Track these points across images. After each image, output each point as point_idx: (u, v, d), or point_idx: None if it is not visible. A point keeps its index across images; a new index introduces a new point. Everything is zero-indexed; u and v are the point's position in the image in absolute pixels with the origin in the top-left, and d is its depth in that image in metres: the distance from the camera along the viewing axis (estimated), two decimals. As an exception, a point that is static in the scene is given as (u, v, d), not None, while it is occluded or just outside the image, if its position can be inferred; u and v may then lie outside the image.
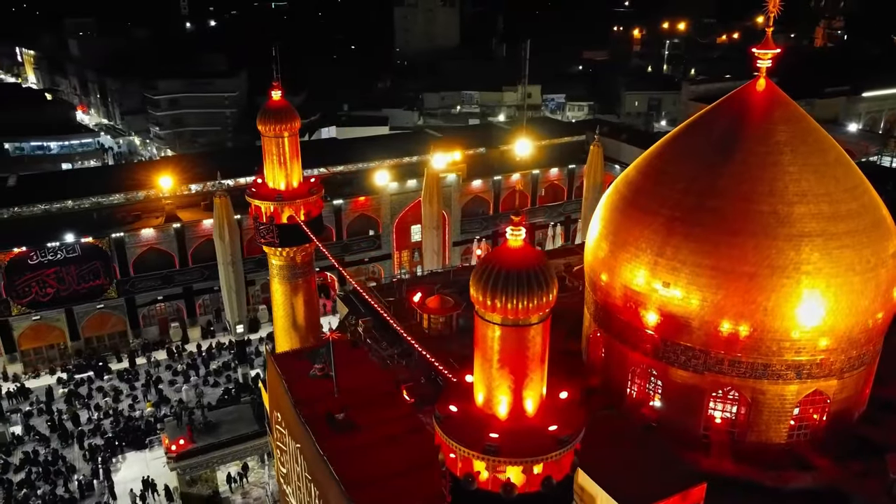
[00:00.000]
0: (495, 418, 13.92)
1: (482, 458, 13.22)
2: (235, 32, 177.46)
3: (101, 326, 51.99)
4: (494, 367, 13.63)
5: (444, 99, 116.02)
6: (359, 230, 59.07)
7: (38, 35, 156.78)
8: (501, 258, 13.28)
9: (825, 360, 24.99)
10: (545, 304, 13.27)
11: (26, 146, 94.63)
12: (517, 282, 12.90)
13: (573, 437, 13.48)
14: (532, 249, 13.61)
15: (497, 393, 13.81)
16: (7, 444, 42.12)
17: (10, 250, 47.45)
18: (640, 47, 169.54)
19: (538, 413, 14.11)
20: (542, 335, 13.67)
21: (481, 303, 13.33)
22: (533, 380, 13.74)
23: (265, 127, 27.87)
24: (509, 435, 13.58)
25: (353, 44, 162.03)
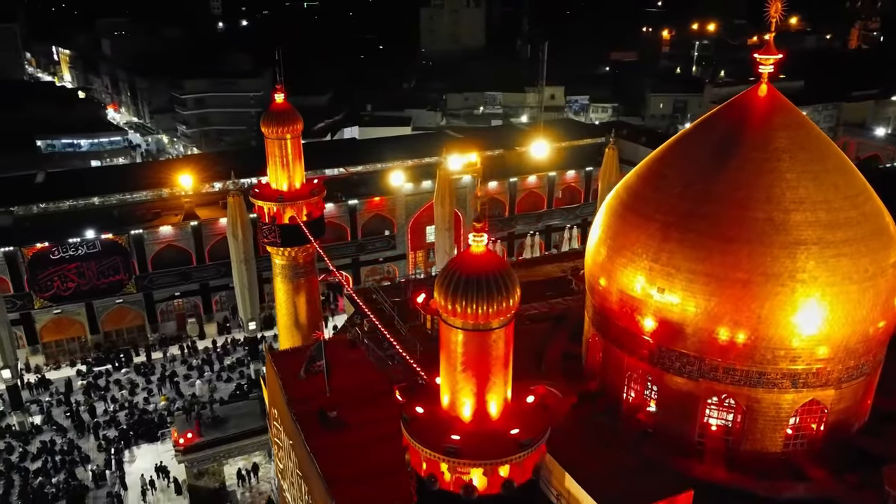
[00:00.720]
0: (459, 420, 14.16)
1: (443, 460, 13.45)
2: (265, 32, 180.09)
3: (120, 321, 53.28)
4: (458, 371, 13.86)
5: (468, 100, 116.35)
6: (374, 230, 59.63)
7: (73, 35, 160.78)
8: (463, 264, 13.51)
9: (822, 370, 24.71)
10: (506, 309, 13.46)
11: (57, 143, 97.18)
12: (477, 287, 13.12)
13: (535, 440, 13.63)
14: (494, 255, 13.81)
15: (460, 396, 14.05)
16: (26, 434, 43.39)
17: (33, 245, 48.80)
18: (669, 48, 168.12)
19: (502, 416, 14.31)
20: (504, 339, 13.87)
21: (443, 307, 13.57)
22: (496, 383, 13.95)
23: (268, 129, 28.47)
24: (471, 437, 13.80)
25: (381, 44, 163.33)
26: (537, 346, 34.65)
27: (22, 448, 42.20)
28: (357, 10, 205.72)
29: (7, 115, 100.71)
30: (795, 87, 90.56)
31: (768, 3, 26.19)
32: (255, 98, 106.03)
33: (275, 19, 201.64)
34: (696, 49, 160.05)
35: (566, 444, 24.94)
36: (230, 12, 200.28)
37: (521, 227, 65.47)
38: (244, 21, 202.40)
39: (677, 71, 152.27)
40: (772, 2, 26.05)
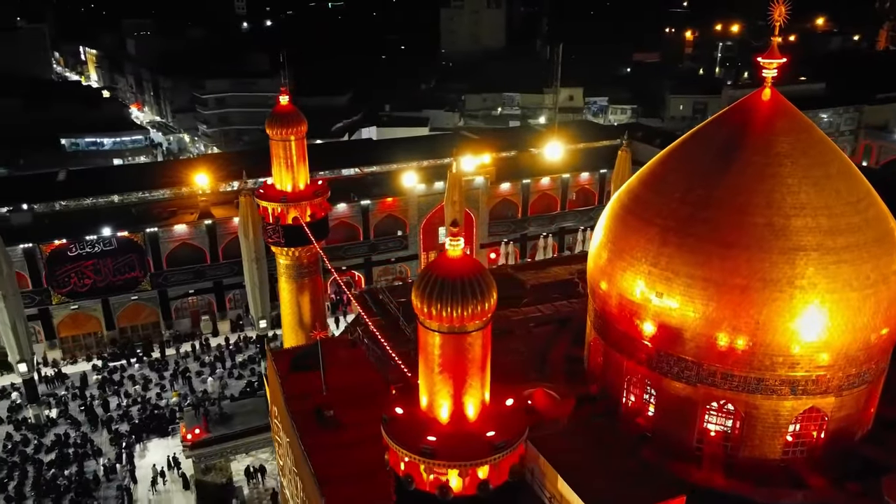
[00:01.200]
0: (437, 422, 14.32)
1: (418, 460, 13.64)
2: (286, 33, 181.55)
3: (136, 317, 54.18)
4: (435, 373, 14.03)
5: (486, 101, 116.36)
6: (386, 230, 59.96)
7: (100, 35, 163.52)
8: (440, 268, 13.67)
9: (821, 377, 24.47)
10: (482, 312, 13.60)
11: (81, 142, 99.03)
12: (453, 290, 13.28)
13: (509, 443, 13.75)
14: (470, 259, 13.95)
15: (438, 398, 14.21)
16: (41, 426, 44.32)
17: (51, 242, 49.82)
18: (692, 49, 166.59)
19: (480, 418, 14.44)
20: (480, 342, 14.00)
21: (420, 310, 13.74)
22: (472, 385, 14.09)
23: (273, 131, 28.85)
24: (447, 438, 13.96)
25: (403, 44, 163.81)
26: (541, 348, 34.76)
27: (37, 440, 43.15)
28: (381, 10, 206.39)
29: (33, 114, 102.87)
30: (816, 89, 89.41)
31: (772, 5, 26.01)
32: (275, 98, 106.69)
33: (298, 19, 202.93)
34: (720, 50, 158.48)
35: (561, 447, 25.03)
36: (255, 12, 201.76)
37: (534, 229, 65.40)
38: (268, 21, 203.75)
39: (700, 72, 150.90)
40: (775, 6, 25.86)
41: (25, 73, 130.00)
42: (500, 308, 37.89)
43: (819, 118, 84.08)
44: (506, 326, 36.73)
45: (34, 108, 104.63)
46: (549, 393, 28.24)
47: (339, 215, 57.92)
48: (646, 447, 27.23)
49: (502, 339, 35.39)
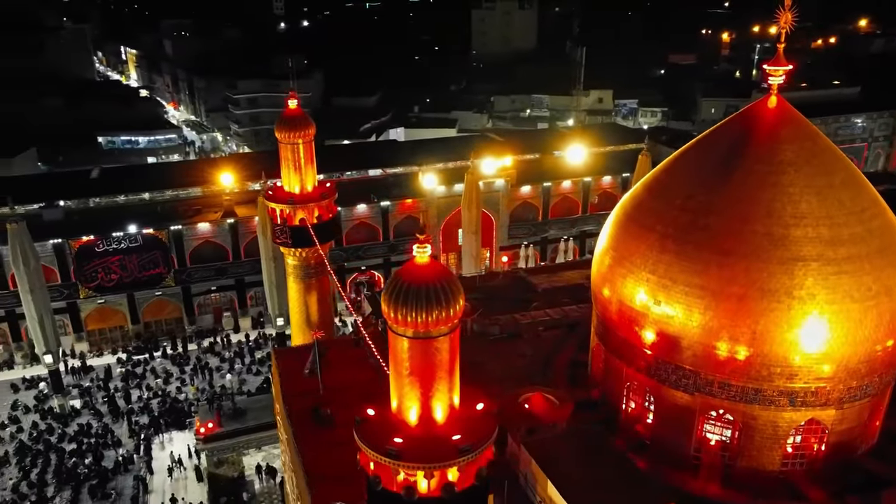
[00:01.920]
0: (406, 424, 14.64)
1: (383, 461, 13.99)
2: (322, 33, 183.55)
3: (160, 312, 55.58)
4: (404, 377, 14.34)
5: (515, 102, 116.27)
6: (406, 231, 60.41)
7: (140, 35, 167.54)
8: (407, 274, 14.00)
9: (821, 389, 24.13)
10: (448, 317, 13.87)
11: (117, 140, 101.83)
12: (416, 296, 13.59)
13: (474, 447, 14.01)
14: (438, 265, 14.23)
15: (406, 401, 14.52)
16: (66, 416, 45.80)
17: (80, 238, 51.41)
18: (728, 51, 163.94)
19: (448, 422, 14.72)
20: (448, 347, 14.26)
21: (388, 316, 14.08)
22: (440, 389, 14.37)
23: (281, 134, 29.47)
24: (414, 441, 14.27)
25: (436, 45, 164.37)
26: (548, 352, 34.83)
27: (61, 429, 44.62)
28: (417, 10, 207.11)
29: (73, 112, 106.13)
30: (848, 93, 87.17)
31: (778, 12, 25.73)
32: (304, 99, 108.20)
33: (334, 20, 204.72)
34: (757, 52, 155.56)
35: (554, 452, 25.19)
36: (292, 13, 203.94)
37: (555, 232, 65.27)
38: (305, 22, 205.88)
39: (737, 75, 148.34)
40: (781, 13, 25.58)
41: (68, 72, 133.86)
42: (508, 311, 38.45)
43: (852, 123, 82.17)
44: (514, 329, 36.98)
45: (74, 106, 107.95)
46: (548, 397, 28.36)
47: (359, 216, 58.68)
48: (643, 455, 27.25)
49: (510, 341, 36.02)
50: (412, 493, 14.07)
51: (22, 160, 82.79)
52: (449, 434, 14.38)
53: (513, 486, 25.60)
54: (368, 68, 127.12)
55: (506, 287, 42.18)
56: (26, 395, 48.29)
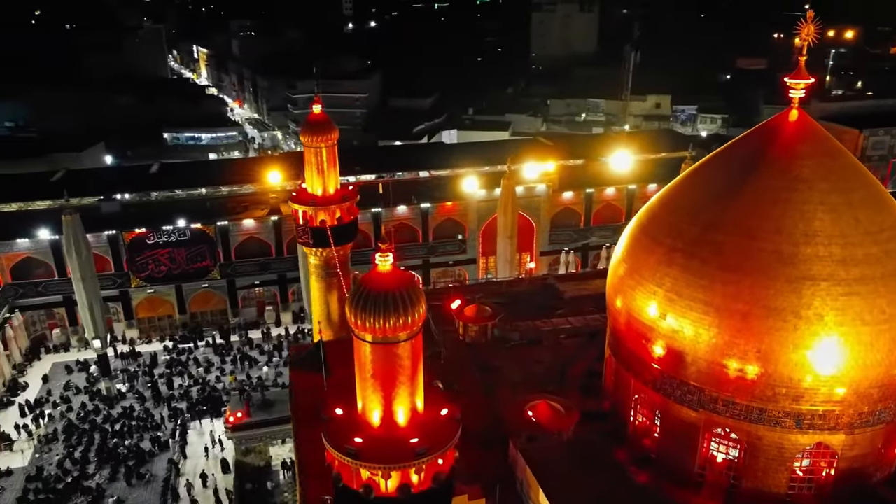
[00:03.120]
0: (369, 425, 15.20)
1: (343, 459, 14.59)
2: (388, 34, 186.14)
3: (205, 304, 57.86)
4: (367, 380, 14.90)
5: (570, 106, 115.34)
6: (445, 233, 61.05)
7: (211, 35, 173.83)
8: (369, 281, 14.54)
9: (829, 413, 23.46)
10: (408, 324, 14.33)
11: (181, 136, 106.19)
12: (375, 303, 14.12)
13: (431, 450, 14.44)
14: (400, 273, 14.72)
15: (369, 403, 15.07)
16: (112, 399, 48.32)
17: (132, 230, 54.09)
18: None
19: (410, 425, 15.20)
20: (409, 352, 14.72)
21: (352, 321, 14.66)
22: (401, 393, 14.85)
23: (306, 138, 30.47)
24: (373, 441, 14.81)
25: (500, 47, 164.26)
26: (565, 360, 34.85)
27: (106, 411, 47.12)
28: (485, 11, 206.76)
29: (143, 108, 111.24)
30: (886, 105, 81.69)
31: (799, 25, 25.16)
32: (361, 99, 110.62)
33: (401, 20, 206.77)
34: (832, 58, 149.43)
35: (551, 460, 25.38)
36: (361, 13, 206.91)
37: (597, 239, 64.69)
38: (372, 22, 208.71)
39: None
40: (803, 25, 25.01)
41: (143, 70, 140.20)
42: (532, 317, 38.55)
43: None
44: (534, 336, 37.13)
45: (145, 103, 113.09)
46: (553, 405, 28.46)
47: (399, 217, 59.65)
48: (647, 469, 27.05)
49: (529, 347, 36.18)
50: (370, 492, 14.61)
51: (91, 153, 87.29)
52: (408, 437, 14.85)
53: (507, 491, 25.89)
54: (427, 70, 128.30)
55: (532, 293, 42.28)
56: (78, 376, 51.16)
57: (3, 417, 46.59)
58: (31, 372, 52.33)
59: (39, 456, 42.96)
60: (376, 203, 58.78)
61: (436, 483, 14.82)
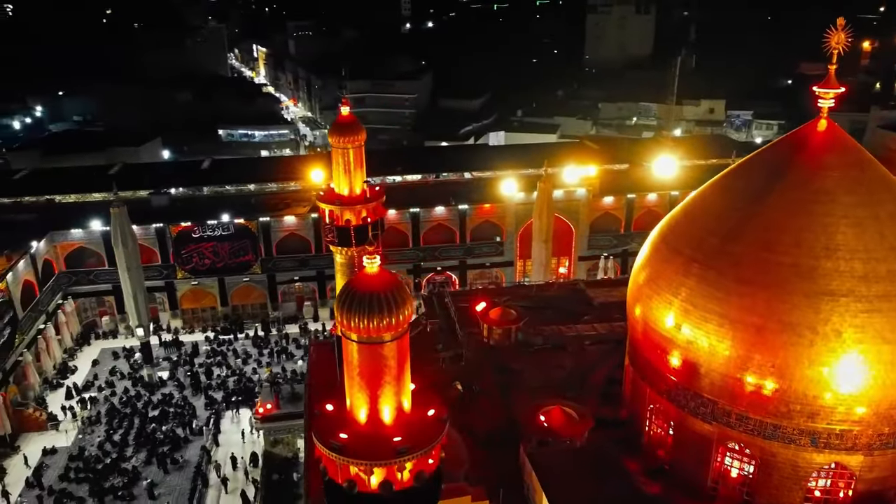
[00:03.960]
0: (356, 422, 15.61)
1: (328, 454, 15.05)
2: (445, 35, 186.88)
3: (246, 297, 59.49)
4: (354, 378, 15.31)
5: (621, 110, 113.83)
6: (482, 235, 61.21)
7: (271, 34, 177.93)
8: (357, 282, 14.93)
9: (846, 432, 22.81)
10: (394, 324, 14.64)
11: (235, 133, 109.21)
12: (361, 303, 14.49)
13: (411, 450, 14.75)
14: (388, 275, 15.03)
15: (356, 401, 15.46)
16: (153, 385, 50.22)
17: (178, 224, 56.06)
18: (867, 61, 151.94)
19: (396, 424, 15.53)
20: (395, 352, 15.03)
21: (340, 321, 15.08)
22: (387, 392, 15.19)
23: (334, 139, 31.04)
24: (358, 438, 15.19)
25: (556, 48, 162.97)
26: (587, 366, 34.67)
27: (147, 397, 49.01)
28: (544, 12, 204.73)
29: (199, 105, 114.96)
30: None
31: (829, 33, 24.48)
32: (410, 100, 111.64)
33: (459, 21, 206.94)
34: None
35: (558, 465, 25.37)
36: (419, 13, 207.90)
37: (637, 245, 62.92)
38: (430, 23, 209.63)
39: (877, 87, 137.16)
40: (833, 32, 24.32)
41: (202, 68, 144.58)
42: (558, 322, 38.40)
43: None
44: (558, 341, 37.03)
45: (202, 100, 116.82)
46: (567, 411, 28.37)
47: (437, 217, 60.12)
48: (659, 480, 26.76)
49: (553, 352, 36.11)
50: (353, 487, 15.01)
51: (148, 148, 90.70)
52: (393, 435, 15.19)
53: (516, 494, 26.00)
54: (480, 71, 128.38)
55: (561, 298, 42.14)
56: (123, 362, 53.32)
57: (52, 399, 48.94)
58: (80, 356, 54.81)
59: (82, 437, 45.01)
60: (414, 203, 59.42)
61: (418, 482, 15.09)
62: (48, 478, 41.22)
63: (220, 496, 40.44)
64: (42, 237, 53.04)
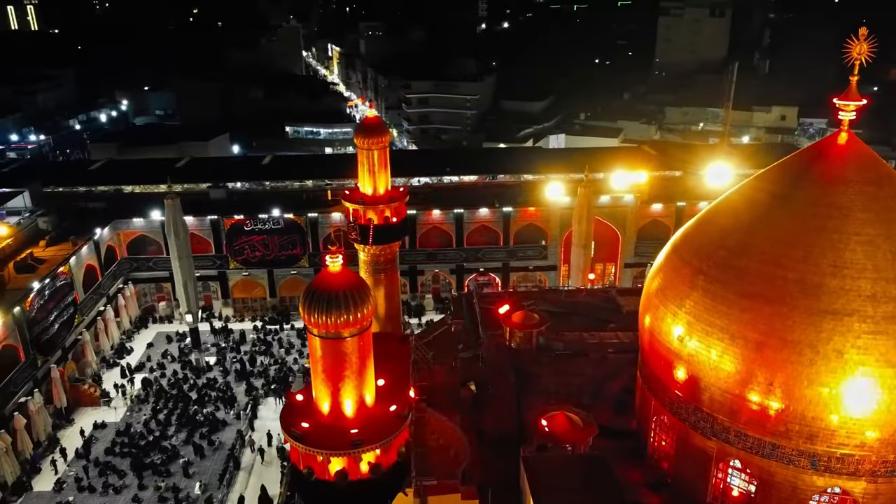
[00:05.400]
0: (320, 413, 16.37)
1: (291, 441, 15.87)
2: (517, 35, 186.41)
3: (294, 289, 61.34)
4: (318, 372, 16.07)
5: (687, 115, 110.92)
6: (526, 238, 61.20)
7: (346, 34, 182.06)
8: (319, 281, 15.65)
9: (848, 457, 22.09)
10: (354, 321, 15.29)
11: (301, 130, 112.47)
12: (320, 301, 15.21)
13: (365, 442, 15.39)
14: (350, 274, 15.68)
15: (319, 393, 16.22)
16: (200, 369, 52.68)
17: (232, 216, 58.52)
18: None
19: (358, 417, 16.20)
20: (356, 348, 15.68)
21: (304, 317, 15.86)
22: (347, 386, 15.87)
23: (359, 141, 31.92)
24: (319, 428, 15.96)
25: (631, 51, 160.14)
26: (605, 375, 34.42)
27: (193, 380, 51.46)
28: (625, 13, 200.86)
29: (268, 102, 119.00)
30: None
31: (849, 44, 23.67)
32: (472, 101, 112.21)
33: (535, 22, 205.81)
34: None
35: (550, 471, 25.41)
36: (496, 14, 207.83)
37: (687, 255, 62.20)
38: (505, 24, 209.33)
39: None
40: (854, 43, 23.52)
41: (276, 66, 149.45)
42: (583, 328, 38.23)
43: None
44: (580, 348, 36.87)
45: (271, 97, 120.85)
46: (571, 417, 28.32)
47: (481, 219, 60.52)
48: (661, 493, 26.52)
49: (574, 359, 36.01)
50: (311, 474, 15.78)
51: (217, 143, 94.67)
52: (352, 428, 15.87)
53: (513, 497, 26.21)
54: (546, 73, 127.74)
55: (590, 305, 41.82)
56: (175, 346, 56.13)
57: (108, 377, 52.06)
58: (137, 338, 57.99)
59: (130, 414, 47.75)
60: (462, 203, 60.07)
61: (374, 474, 15.71)
62: (96, 450, 43.96)
63: (255, 466, 42.15)
64: (106, 225, 56.40)
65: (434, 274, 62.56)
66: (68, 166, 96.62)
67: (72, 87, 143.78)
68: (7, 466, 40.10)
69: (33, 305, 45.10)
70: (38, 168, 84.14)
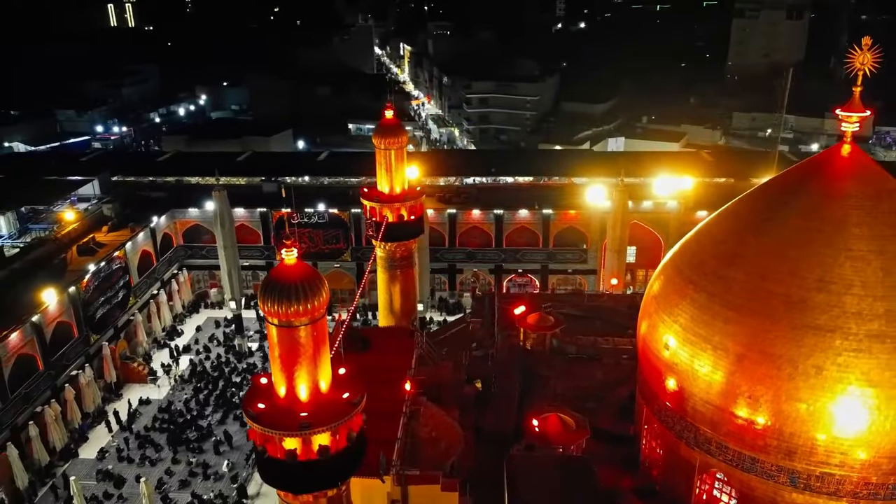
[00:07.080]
0: (277, 396, 17.53)
1: (248, 420, 17.11)
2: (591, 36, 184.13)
3: (337, 282, 63.23)
4: (275, 358, 17.23)
5: (755, 120, 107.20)
6: (567, 241, 61.03)
7: (417, 33, 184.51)
8: (275, 272, 16.79)
9: (828, 476, 21.71)
10: (305, 311, 16.34)
11: (363, 128, 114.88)
12: (275, 290, 16.32)
13: (312, 425, 16.43)
14: (305, 267, 16.75)
15: (276, 377, 17.37)
16: (242, 354, 55.21)
17: (280, 209, 60.89)
18: None
19: (311, 402, 17.26)
20: (310, 337, 16.69)
21: (261, 307, 17.05)
22: (301, 371, 16.93)
23: (377, 141, 33.07)
24: (274, 409, 17.09)
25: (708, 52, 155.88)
26: (614, 380, 34.41)
27: (234, 364, 54.00)
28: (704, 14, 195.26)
29: (335, 99, 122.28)
30: None
31: (853, 52, 23.10)
32: (532, 102, 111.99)
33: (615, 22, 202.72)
34: None
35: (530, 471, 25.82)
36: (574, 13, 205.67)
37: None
38: (581, 24, 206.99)
39: None
40: (858, 52, 22.94)
41: (348, 65, 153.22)
42: (597, 333, 38.24)
43: None
44: (593, 352, 36.93)
45: (337, 95, 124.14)
46: (564, 419, 28.62)
47: (520, 220, 60.79)
48: (647, 500, 26.53)
49: (586, 363, 36.17)
50: (264, 452, 16.97)
51: (279, 138, 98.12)
52: (303, 411, 16.95)
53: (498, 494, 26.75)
54: (613, 74, 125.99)
55: (611, 309, 41.65)
56: (221, 331, 58.91)
57: (158, 357, 55.23)
58: (188, 322, 61.11)
59: (173, 392, 50.56)
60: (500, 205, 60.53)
61: (321, 456, 16.73)
62: (138, 424, 46.87)
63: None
64: (164, 213, 59.77)
65: (474, 273, 63.23)
66: (139, 157, 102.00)
67: (156, 81, 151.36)
68: (56, 434, 43.31)
69: (89, 286, 48.41)
70: (114, 158, 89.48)
